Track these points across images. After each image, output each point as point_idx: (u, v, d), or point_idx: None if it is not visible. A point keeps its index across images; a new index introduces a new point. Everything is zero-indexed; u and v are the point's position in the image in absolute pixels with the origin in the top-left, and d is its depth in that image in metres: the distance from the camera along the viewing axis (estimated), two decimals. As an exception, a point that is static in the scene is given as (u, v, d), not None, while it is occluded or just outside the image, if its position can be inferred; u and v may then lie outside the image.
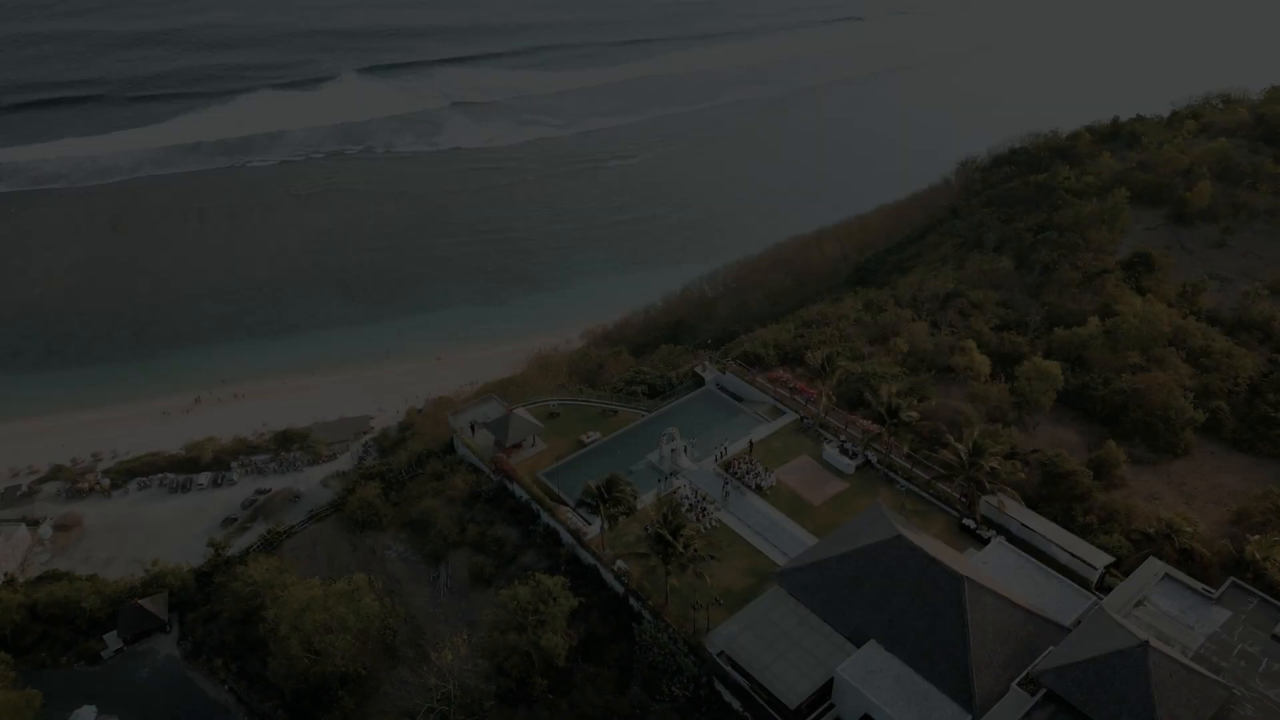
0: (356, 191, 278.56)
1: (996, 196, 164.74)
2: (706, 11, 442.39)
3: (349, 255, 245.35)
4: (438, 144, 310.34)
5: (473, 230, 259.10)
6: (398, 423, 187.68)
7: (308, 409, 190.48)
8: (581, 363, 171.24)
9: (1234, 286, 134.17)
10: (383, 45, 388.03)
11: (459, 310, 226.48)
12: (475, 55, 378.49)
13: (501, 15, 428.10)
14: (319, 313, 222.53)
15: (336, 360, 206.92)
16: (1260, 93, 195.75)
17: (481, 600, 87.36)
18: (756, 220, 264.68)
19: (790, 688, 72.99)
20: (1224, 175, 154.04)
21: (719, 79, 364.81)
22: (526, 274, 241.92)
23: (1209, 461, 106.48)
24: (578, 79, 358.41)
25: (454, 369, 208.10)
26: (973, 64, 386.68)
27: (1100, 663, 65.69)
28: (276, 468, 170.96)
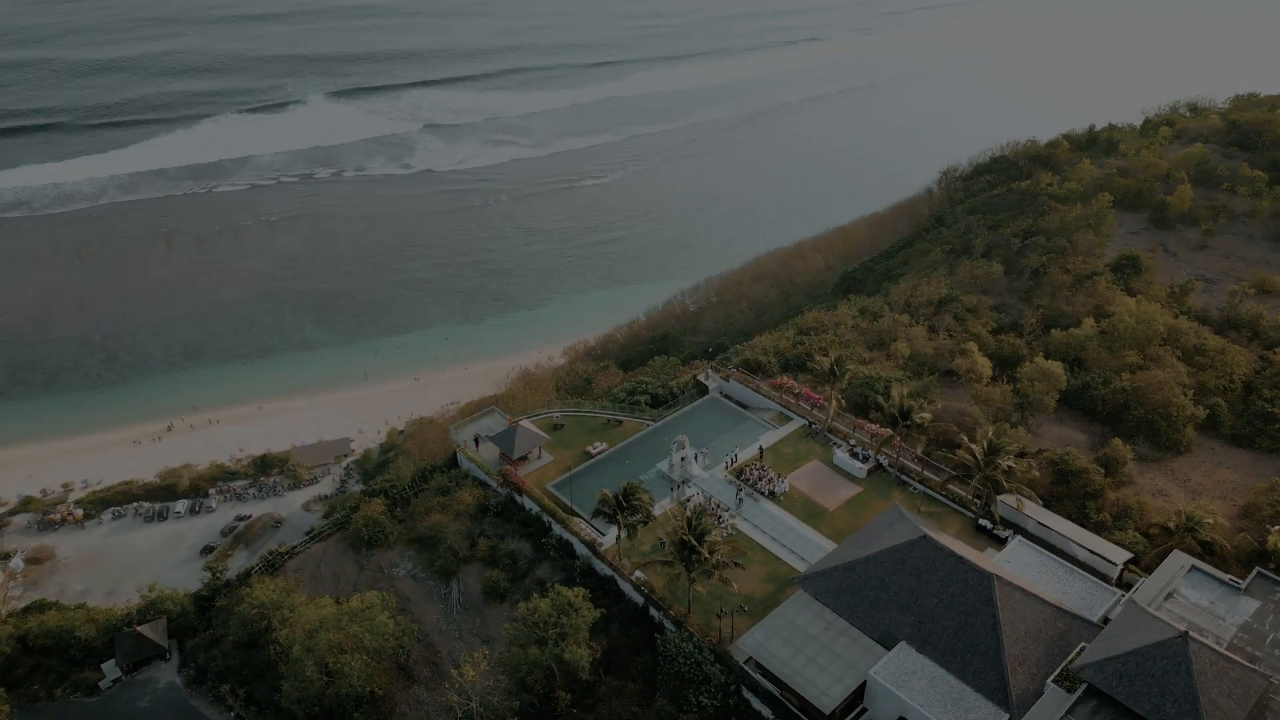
0: (328, 214, 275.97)
1: (981, 204, 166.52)
2: (673, 34, 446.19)
3: (322, 278, 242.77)
4: (410, 166, 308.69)
5: (447, 251, 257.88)
6: (379, 444, 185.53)
7: (286, 433, 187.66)
8: (568, 378, 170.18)
9: (1219, 287, 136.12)
10: (350, 69, 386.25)
11: (436, 331, 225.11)
12: (444, 79, 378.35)
13: (469, 40, 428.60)
14: (293, 336, 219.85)
15: (313, 383, 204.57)
16: (1225, 101, 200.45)
17: (496, 616, 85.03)
18: (732, 236, 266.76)
19: (823, 692, 71.56)
20: (1201, 179, 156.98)
21: (688, 98, 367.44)
22: (503, 293, 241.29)
23: (1210, 458, 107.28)
24: (548, 100, 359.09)
25: (434, 389, 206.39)
26: (936, 80, 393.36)
27: (1140, 655, 65.01)
28: (256, 493, 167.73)
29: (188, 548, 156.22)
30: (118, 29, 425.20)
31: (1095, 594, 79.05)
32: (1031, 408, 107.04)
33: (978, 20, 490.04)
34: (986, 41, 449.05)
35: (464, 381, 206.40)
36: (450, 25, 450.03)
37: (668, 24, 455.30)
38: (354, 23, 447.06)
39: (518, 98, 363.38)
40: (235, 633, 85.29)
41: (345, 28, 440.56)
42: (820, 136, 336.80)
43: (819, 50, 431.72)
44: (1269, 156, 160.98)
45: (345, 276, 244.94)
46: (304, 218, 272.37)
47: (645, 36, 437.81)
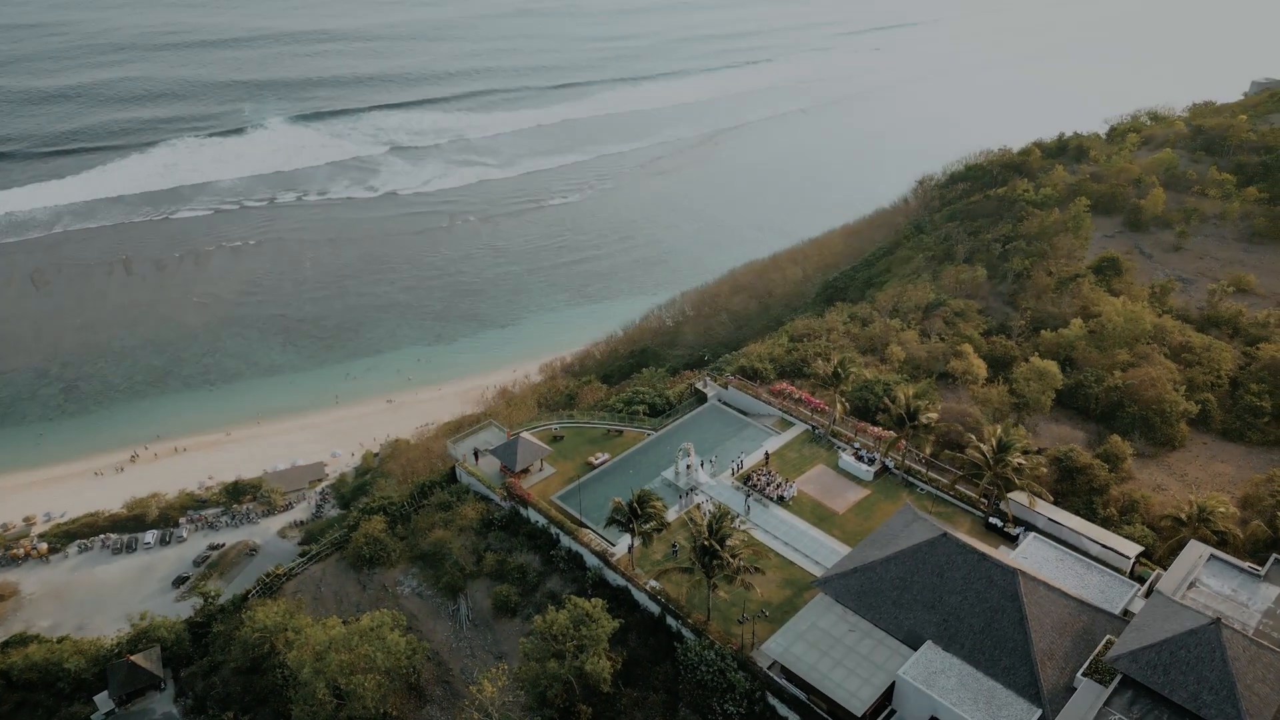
0: (292, 238, 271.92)
1: (960, 210, 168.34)
2: (633, 55, 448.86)
3: (288, 302, 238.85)
4: (374, 188, 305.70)
5: (415, 272, 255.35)
6: (354, 467, 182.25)
7: (256, 459, 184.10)
8: (550, 394, 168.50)
9: (1196, 287, 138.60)
10: (310, 94, 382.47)
11: (407, 352, 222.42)
12: (407, 102, 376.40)
13: (429, 64, 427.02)
14: (260, 361, 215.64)
15: (282, 408, 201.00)
16: (1184, 109, 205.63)
17: (508, 631, 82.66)
18: (702, 252, 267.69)
19: (853, 694, 70.33)
20: (1171, 183, 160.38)
21: (651, 118, 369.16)
22: (474, 313, 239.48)
23: (1203, 452, 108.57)
24: (511, 121, 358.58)
25: (407, 410, 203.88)
26: (892, 96, 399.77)
27: (1174, 644, 64.76)
28: (229, 521, 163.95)
29: (159, 579, 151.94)
30: (67, 56, 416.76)
31: (1114, 587, 78.93)
32: (1028, 407, 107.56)
33: (929, 38, 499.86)
34: (938, 59, 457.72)
35: (438, 402, 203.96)
36: (409, 50, 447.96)
37: (627, 46, 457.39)
38: (311, 48, 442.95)
39: (481, 119, 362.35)
40: (236, 658, 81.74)
41: (302, 53, 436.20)
42: (783, 153, 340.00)
43: (778, 70, 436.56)
44: (1235, 160, 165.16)
45: (312, 300, 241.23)
46: (267, 242, 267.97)
47: (606, 59, 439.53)
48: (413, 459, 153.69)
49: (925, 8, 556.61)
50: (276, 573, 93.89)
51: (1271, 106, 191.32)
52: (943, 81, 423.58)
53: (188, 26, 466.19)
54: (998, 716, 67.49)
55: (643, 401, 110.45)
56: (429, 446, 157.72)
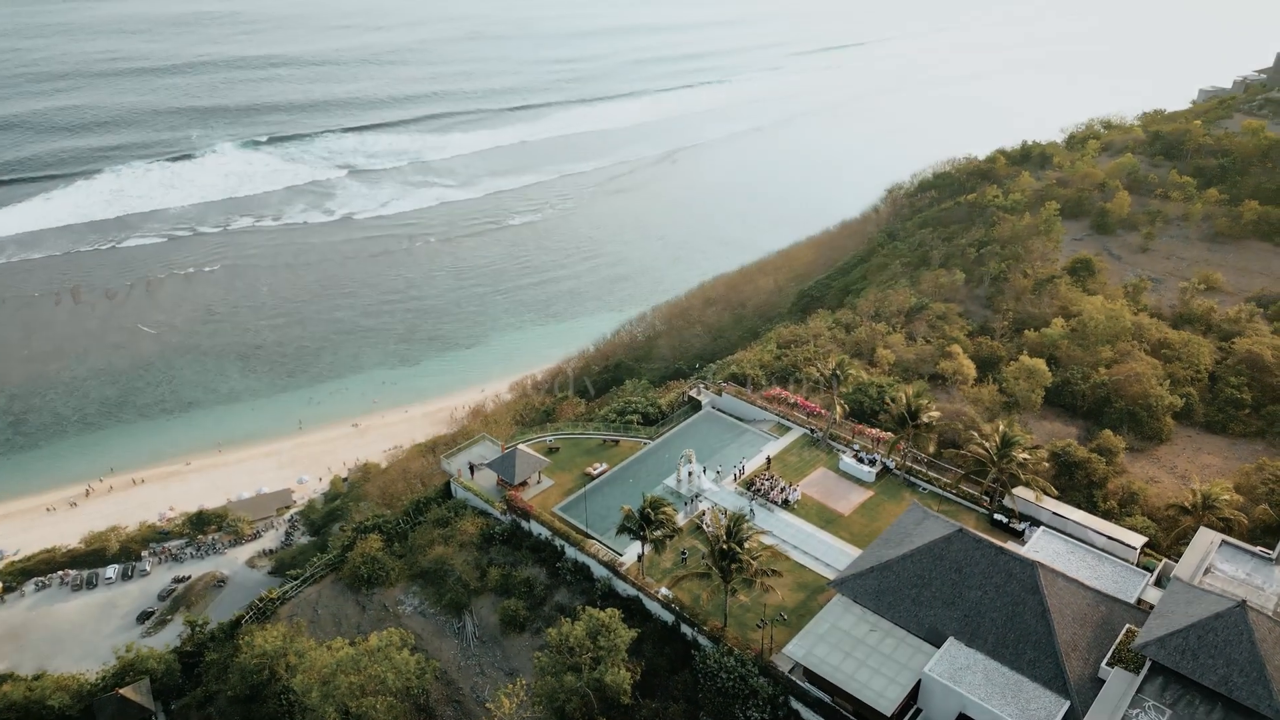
0: (247, 264, 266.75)
1: (932, 217, 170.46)
2: (587, 77, 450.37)
3: (245, 327, 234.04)
4: (332, 212, 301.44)
5: (376, 295, 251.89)
6: (323, 493, 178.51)
7: (219, 488, 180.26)
8: (525, 411, 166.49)
9: (1165, 286, 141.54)
10: (262, 119, 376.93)
11: (372, 375, 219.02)
12: (362, 125, 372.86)
13: (383, 88, 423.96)
14: (218, 388, 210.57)
15: (244, 436, 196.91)
16: (1136, 117, 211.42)
17: (518, 646, 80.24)
18: (666, 267, 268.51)
19: (880, 694, 69.24)
20: (1133, 187, 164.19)
21: (608, 138, 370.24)
22: (438, 334, 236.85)
23: (1189, 444, 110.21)
24: (469, 142, 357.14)
25: (374, 434, 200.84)
26: (843, 113, 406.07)
27: (1200, 628, 64.76)
28: (194, 553, 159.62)
29: (122, 615, 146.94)
30: (6, 85, 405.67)
31: (1126, 577, 79.07)
32: (1019, 406, 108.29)
33: (877, 57, 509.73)
34: (888, 76, 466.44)
35: (406, 424, 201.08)
36: (361, 74, 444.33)
37: (582, 68, 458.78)
38: (259, 73, 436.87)
39: (438, 140, 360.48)
40: (234, 686, 77.97)
41: (250, 78, 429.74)
42: (741, 170, 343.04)
43: (731, 90, 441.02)
44: (1194, 164, 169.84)
45: (270, 325, 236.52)
46: (222, 268, 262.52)
47: (561, 80, 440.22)
48: (391, 479, 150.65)
49: (872, 28, 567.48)
50: (270, 597, 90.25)
51: (1222, 112, 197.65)
52: (894, 98, 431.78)
53: (130, 54, 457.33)
54: (1027, 710, 66.80)
55: (636, 411, 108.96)
56: (407, 466, 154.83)
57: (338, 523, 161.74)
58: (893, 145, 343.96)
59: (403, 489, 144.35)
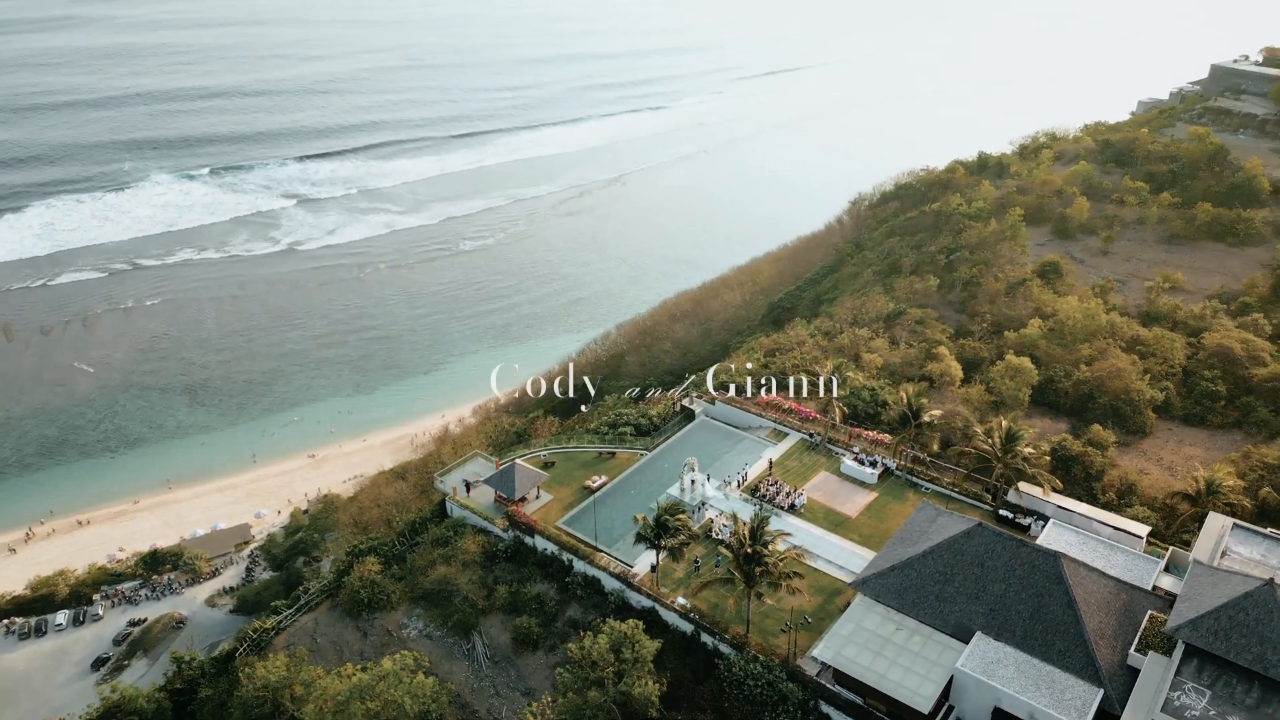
0: (191, 296, 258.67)
1: (899, 227, 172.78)
2: (532, 104, 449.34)
3: (191, 361, 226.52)
4: (277, 240, 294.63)
5: (327, 324, 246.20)
6: (283, 526, 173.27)
7: (171, 526, 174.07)
8: (495, 433, 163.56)
9: (1128, 286, 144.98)
10: (202, 150, 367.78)
11: (327, 405, 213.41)
12: (305, 155, 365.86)
13: (325, 117, 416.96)
14: (164, 424, 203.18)
15: (195, 472, 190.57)
16: (1079, 129, 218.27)
17: (533, 665, 77.40)
18: (622, 287, 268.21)
19: (915, 692, 68.16)
20: (1089, 193, 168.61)
21: (556, 162, 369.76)
22: (394, 361, 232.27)
23: (1171, 437, 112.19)
24: (415, 169, 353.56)
25: (332, 465, 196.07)
26: (788, 134, 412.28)
27: (1231, 608, 65.04)
28: (149, 594, 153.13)
29: (75, 663, 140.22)
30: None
31: (1139, 565, 79.48)
32: (1006, 404, 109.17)
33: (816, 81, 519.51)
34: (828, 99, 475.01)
35: (365, 453, 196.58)
36: (300, 104, 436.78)
37: (526, 95, 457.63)
38: (194, 105, 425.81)
39: (384, 168, 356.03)
40: (238, 721, 73.76)
41: (185, 110, 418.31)
42: (691, 191, 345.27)
43: (677, 113, 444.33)
44: (1144, 169, 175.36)
45: (217, 358, 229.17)
46: (163, 301, 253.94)
47: (507, 107, 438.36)
48: (364, 506, 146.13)
49: (811, 54, 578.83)
50: (263, 627, 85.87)
51: (1164, 121, 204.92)
52: (835, 119, 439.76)
53: (55, 87, 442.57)
54: (1062, 700, 66.36)
55: (628, 423, 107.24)
56: (379, 493, 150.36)
57: (302, 556, 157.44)
58: (838, 163, 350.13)
59: (377, 516, 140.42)
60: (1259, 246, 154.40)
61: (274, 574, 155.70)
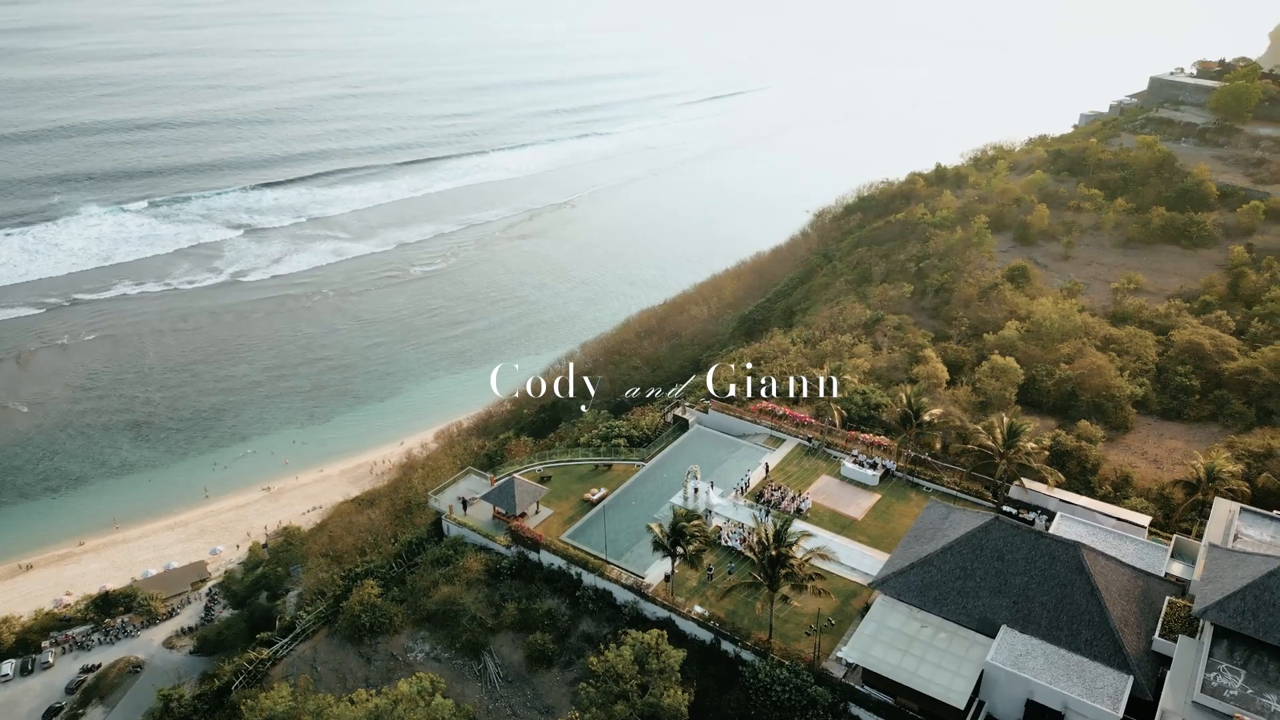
0: (131, 330, 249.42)
1: (866, 237, 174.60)
2: (477, 131, 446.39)
3: (134, 395, 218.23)
4: (219, 270, 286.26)
5: (276, 353, 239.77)
6: (241, 562, 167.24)
7: (121, 567, 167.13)
8: (464, 455, 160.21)
9: (1091, 289, 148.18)
10: (134, 183, 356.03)
11: (280, 435, 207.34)
12: (246, 184, 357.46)
13: (266, 147, 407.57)
14: (108, 461, 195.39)
15: (143, 509, 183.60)
16: (1023, 142, 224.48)
17: (548, 683, 74.70)
18: (579, 309, 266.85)
19: (948, 688, 67.32)
20: (1046, 201, 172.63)
21: (505, 187, 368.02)
22: (348, 389, 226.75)
23: (1152, 431, 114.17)
24: (361, 197, 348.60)
25: (289, 496, 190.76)
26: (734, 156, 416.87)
27: (1256, 588, 65.37)
28: (102, 638, 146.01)
29: (25, 714, 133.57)
30: None
31: (1149, 553, 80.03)
32: (993, 405, 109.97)
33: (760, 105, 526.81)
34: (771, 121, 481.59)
35: (323, 483, 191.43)
36: (238, 134, 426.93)
37: (471, 123, 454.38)
38: (127, 136, 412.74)
39: (329, 195, 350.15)
40: (242, 757, 69.63)
41: (117, 142, 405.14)
42: (642, 212, 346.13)
43: (624, 138, 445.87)
44: (1097, 177, 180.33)
45: (162, 392, 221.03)
46: (101, 336, 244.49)
47: (452, 135, 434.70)
48: (336, 535, 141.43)
49: (754, 79, 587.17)
50: (259, 657, 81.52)
51: (1109, 132, 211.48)
52: (783, 139, 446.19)
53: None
54: (1094, 689, 66.13)
55: (620, 435, 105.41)
56: (351, 520, 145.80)
57: (265, 591, 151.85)
58: (789, 182, 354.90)
59: (349, 543, 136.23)
60: (1211, 248, 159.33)
61: (236, 611, 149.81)
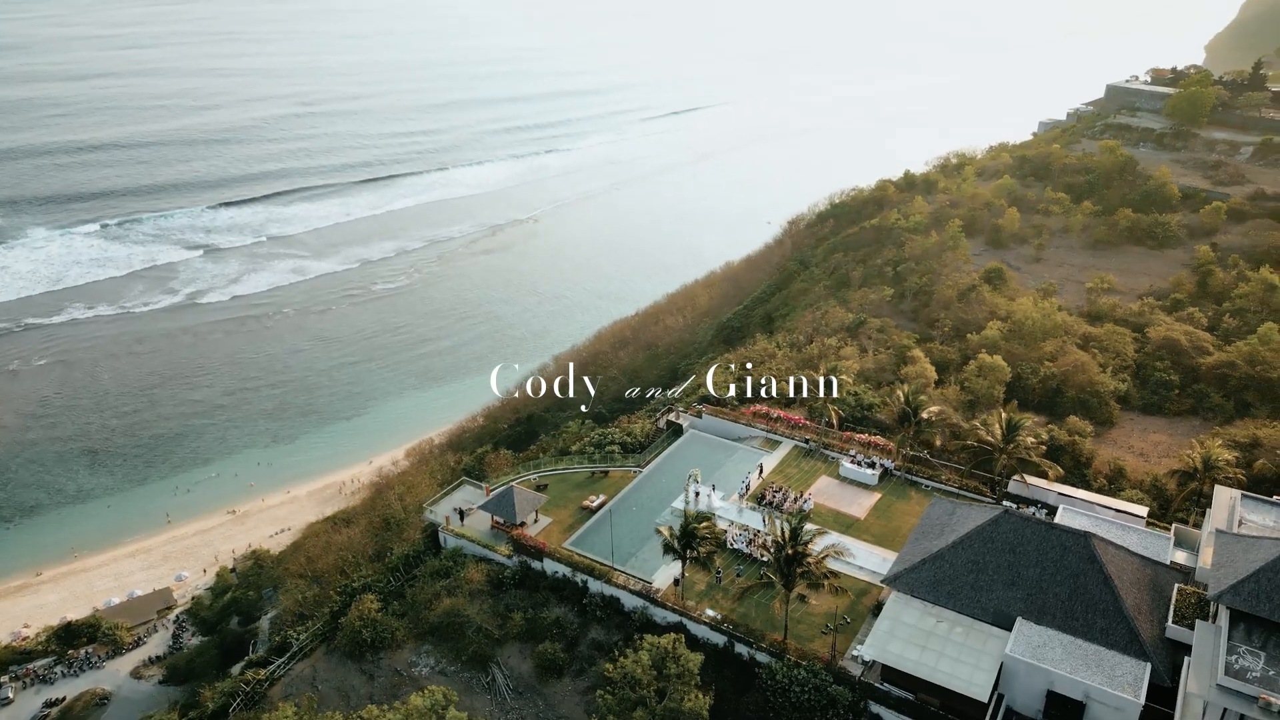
0: (84, 354, 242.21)
1: (841, 243, 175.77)
2: (435, 149, 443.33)
3: (89, 420, 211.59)
4: (175, 291, 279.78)
5: (237, 373, 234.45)
6: (209, 587, 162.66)
7: (81, 597, 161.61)
8: (439, 470, 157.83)
9: (1065, 290, 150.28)
10: (84, 205, 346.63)
11: (244, 457, 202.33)
12: (200, 204, 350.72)
13: (220, 167, 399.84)
14: (64, 489, 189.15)
15: (102, 537, 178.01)
16: (984, 151, 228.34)
17: (560, 693, 72.90)
18: (547, 323, 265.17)
19: (970, 682, 66.84)
20: (1014, 205, 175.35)
21: (467, 203, 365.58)
22: (313, 409, 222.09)
23: (1135, 426, 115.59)
24: (322, 214, 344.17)
25: (256, 519, 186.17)
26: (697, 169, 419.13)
27: (1270, 571, 65.69)
28: (65, 671, 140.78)
29: None
30: None
31: (1152, 542, 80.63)
32: (981, 403, 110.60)
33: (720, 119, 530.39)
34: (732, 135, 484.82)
35: (291, 505, 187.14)
36: (189, 154, 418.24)
37: (430, 140, 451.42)
38: (73, 159, 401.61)
39: (289, 213, 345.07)
40: (247, 782, 66.72)
41: (64, 164, 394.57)
42: (606, 225, 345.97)
43: (586, 153, 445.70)
44: (1063, 181, 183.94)
45: (118, 416, 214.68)
46: (54, 361, 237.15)
47: (411, 153, 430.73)
48: (316, 554, 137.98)
49: (713, 94, 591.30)
50: (256, 678, 78.49)
51: (1069, 139, 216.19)
52: (745, 152, 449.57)
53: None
54: (1113, 676, 66.14)
55: (614, 442, 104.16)
56: (330, 540, 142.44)
57: (236, 616, 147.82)
58: (753, 193, 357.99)
59: (329, 563, 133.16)
60: (1177, 248, 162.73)
61: (206, 638, 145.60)
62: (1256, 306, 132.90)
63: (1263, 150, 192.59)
